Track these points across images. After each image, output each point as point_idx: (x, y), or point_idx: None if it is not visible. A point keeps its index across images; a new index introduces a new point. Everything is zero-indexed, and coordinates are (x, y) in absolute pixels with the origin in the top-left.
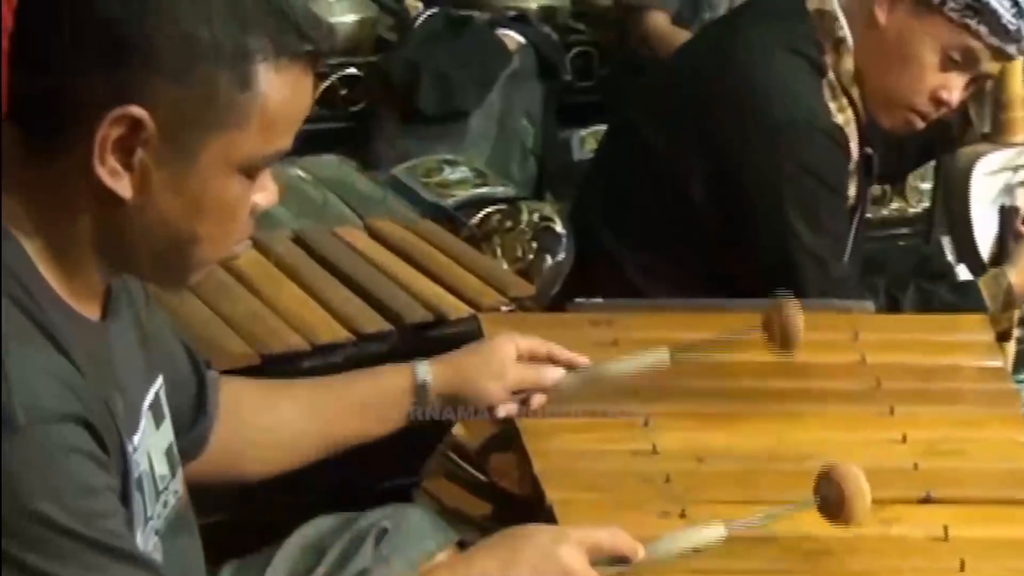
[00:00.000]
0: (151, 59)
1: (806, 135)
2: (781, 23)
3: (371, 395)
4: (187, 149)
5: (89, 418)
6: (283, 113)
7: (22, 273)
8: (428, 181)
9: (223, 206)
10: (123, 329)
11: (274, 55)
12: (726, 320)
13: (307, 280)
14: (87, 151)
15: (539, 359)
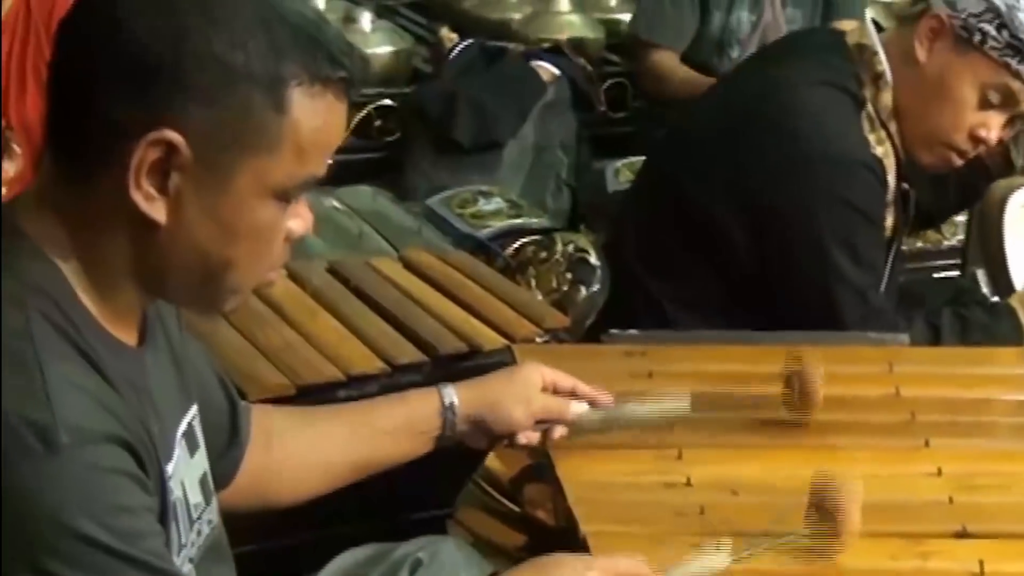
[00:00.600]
0: (186, 84)
1: (846, 168)
2: (820, 57)
3: (399, 418)
4: (221, 173)
5: (129, 439)
6: (316, 138)
7: (60, 298)
8: (463, 212)
9: (257, 231)
10: (158, 356)
11: (308, 80)
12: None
13: (342, 311)
14: (122, 175)
15: (563, 392)
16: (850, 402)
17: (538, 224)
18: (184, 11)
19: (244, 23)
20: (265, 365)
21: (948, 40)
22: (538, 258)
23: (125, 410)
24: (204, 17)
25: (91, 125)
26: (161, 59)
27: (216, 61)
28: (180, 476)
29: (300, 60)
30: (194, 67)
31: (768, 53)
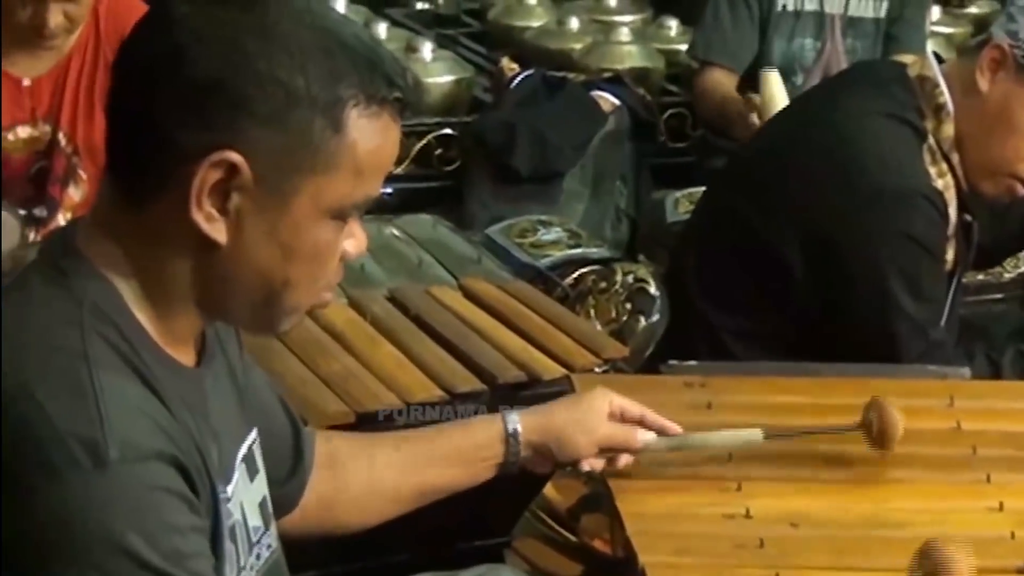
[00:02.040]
0: (247, 106)
1: (907, 202)
2: (882, 89)
3: (464, 444)
4: (281, 194)
5: (180, 459)
6: (372, 158)
7: (118, 317)
8: (522, 241)
9: (314, 250)
10: (217, 379)
11: (364, 101)
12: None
13: (402, 339)
14: (183, 197)
15: (631, 420)
16: (912, 436)
17: (598, 254)
18: (244, 35)
19: (303, 46)
20: (325, 392)
21: (1010, 69)
22: (598, 288)
23: (178, 430)
24: (264, 41)
25: (152, 147)
26: (222, 82)
27: (276, 84)
28: (239, 499)
29: (357, 81)
30: (255, 90)
31: (830, 85)
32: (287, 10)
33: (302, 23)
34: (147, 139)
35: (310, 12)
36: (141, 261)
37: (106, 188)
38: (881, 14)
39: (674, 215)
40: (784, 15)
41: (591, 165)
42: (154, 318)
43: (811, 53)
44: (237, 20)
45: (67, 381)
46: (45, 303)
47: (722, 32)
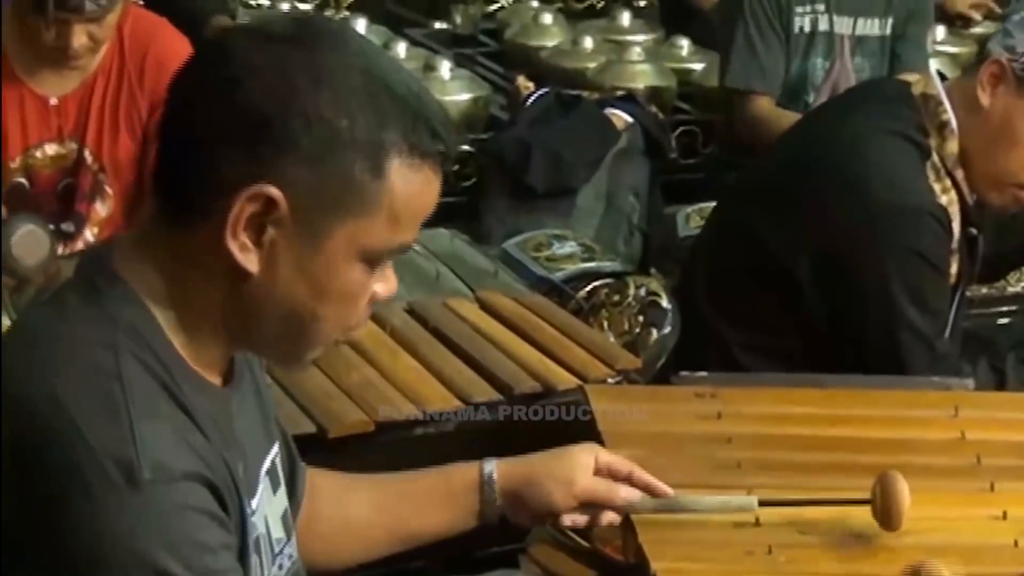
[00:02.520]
0: (291, 143)
1: (912, 218)
2: (886, 107)
3: (437, 487)
4: (315, 232)
5: (211, 479)
6: (410, 207)
7: (152, 339)
8: (537, 255)
9: (344, 290)
10: (244, 397)
11: (407, 151)
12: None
13: (420, 350)
14: (221, 224)
15: (619, 477)
16: (916, 446)
17: (611, 268)
18: (295, 74)
19: (351, 90)
20: (346, 402)
21: (1010, 83)
22: (611, 301)
23: (209, 449)
24: (314, 81)
25: (196, 174)
26: (270, 118)
27: (322, 124)
28: (263, 511)
29: (402, 131)
30: (300, 128)
31: (836, 103)
32: (341, 52)
33: (354, 67)
34: (192, 165)
35: (364, 56)
36: (175, 285)
37: (148, 212)
38: (887, 31)
39: (685, 230)
40: (800, 36)
41: (604, 181)
42: (186, 340)
43: (821, 72)
44: (290, 58)
45: (102, 401)
46: (81, 323)
47: (758, 59)
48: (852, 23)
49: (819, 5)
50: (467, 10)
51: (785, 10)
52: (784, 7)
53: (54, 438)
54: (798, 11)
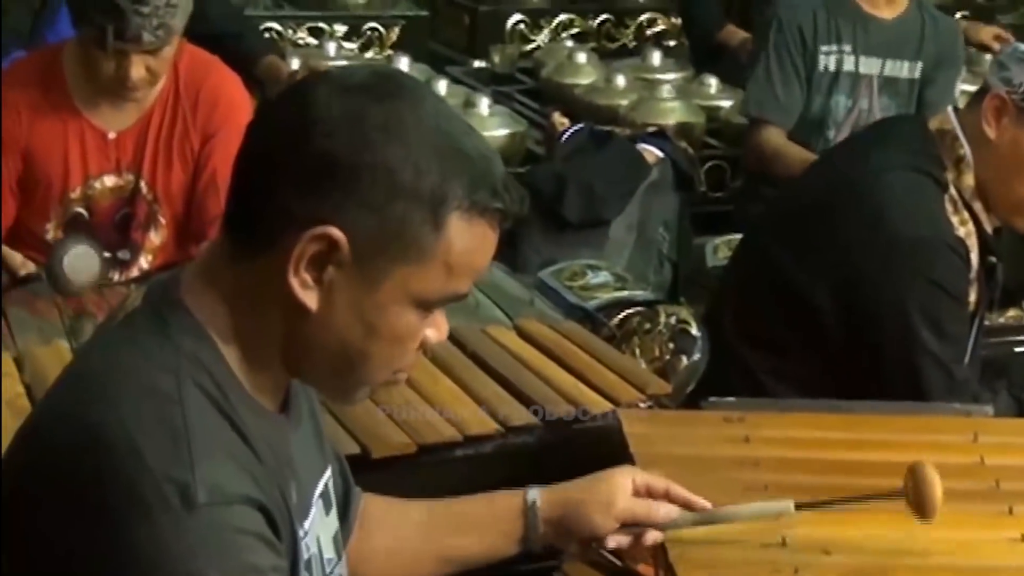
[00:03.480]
0: (356, 189)
1: (931, 250)
2: (904, 143)
3: (482, 514)
4: (373, 275)
5: (265, 503)
6: (465, 260)
7: (214, 369)
8: (572, 284)
9: (396, 333)
10: (299, 422)
11: (467, 206)
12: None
13: (460, 375)
14: (284, 261)
15: (657, 495)
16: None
17: (642, 297)
18: (369, 124)
19: (420, 145)
20: (389, 424)
21: (1012, 115)
22: (642, 328)
23: (263, 473)
24: (385, 133)
25: (266, 212)
26: (340, 164)
27: (388, 174)
28: (316, 533)
29: (464, 187)
30: (367, 176)
31: (857, 139)
32: (414, 108)
33: (426, 123)
34: (262, 202)
35: (436, 115)
36: (237, 316)
37: (215, 245)
38: (916, 75)
39: (713, 260)
40: (824, 74)
41: (636, 213)
42: (245, 368)
43: (843, 110)
44: (366, 109)
45: (162, 424)
46: (145, 349)
47: (773, 90)
48: (880, 64)
49: (845, 46)
50: (505, 49)
51: (810, 48)
52: (809, 45)
53: (115, 459)
54: (823, 50)
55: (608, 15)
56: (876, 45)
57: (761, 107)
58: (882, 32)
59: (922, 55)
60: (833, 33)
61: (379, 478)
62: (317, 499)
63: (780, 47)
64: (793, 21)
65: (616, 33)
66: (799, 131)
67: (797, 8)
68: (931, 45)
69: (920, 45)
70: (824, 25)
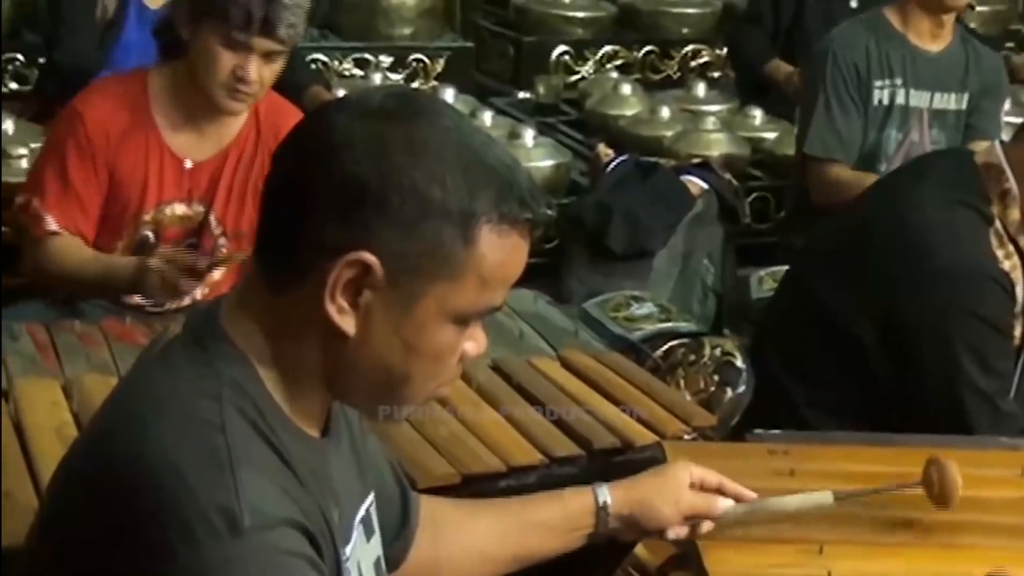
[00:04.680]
0: (387, 212)
1: (976, 283)
2: (950, 177)
3: (556, 515)
4: (408, 295)
5: (308, 525)
6: (498, 273)
7: (255, 395)
8: (616, 315)
9: (435, 350)
10: (340, 447)
11: (496, 219)
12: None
13: (505, 406)
14: (320, 288)
15: (710, 489)
16: (981, 504)
17: (687, 328)
18: (393, 147)
19: (445, 162)
20: (433, 455)
21: None
22: (687, 360)
23: (305, 497)
24: (410, 154)
25: (297, 241)
26: (368, 188)
27: (416, 195)
28: (357, 558)
29: (492, 200)
30: (396, 198)
31: (903, 172)
32: (436, 126)
33: (448, 140)
34: (293, 231)
35: (458, 129)
36: (277, 343)
37: (250, 274)
38: (963, 106)
39: (758, 292)
40: (878, 109)
41: (680, 244)
42: (286, 395)
43: (895, 143)
44: (389, 131)
45: (206, 451)
46: (188, 377)
47: (834, 127)
48: (929, 97)
49: (897, 80)
50: (550, 80)
51: (865, 82)
52: (864, 80)
53: (159, 487)
54: (877, 84)
55: (653, 46)
56: (925, 78)
57: (825, 145)
58: (930, 65)
59: (968, 87)
60: (885, 67)
61: None
62: (358, 524)
63: (838, 83)
64: (848, 56)
65: (660, 64)
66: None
67: (851, 42)
68: (975, 77)
69: (965, 77)
70: (876, 60)
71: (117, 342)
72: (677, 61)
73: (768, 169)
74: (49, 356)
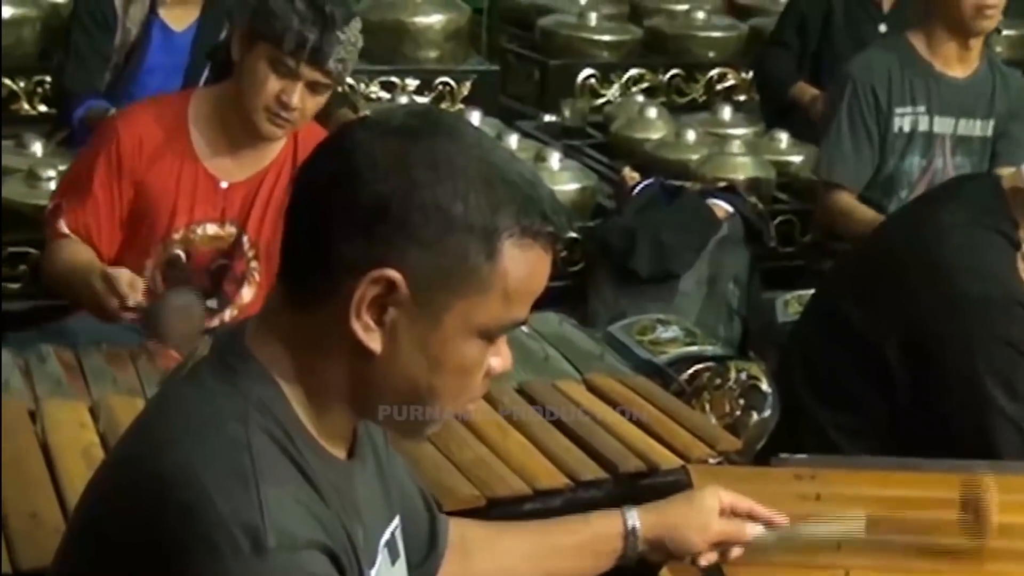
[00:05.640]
0: (410, 229)
1: (1002, 308)
2: (976, 201)
3: (585, 538)
4: (434, 311)
5: (332, 547)
6: (522, 286)
7: (282, 415)
8: (642, 339)
9: (461, 365)
10: (366, 470)
11: (519, 233)
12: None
13: (530, 429)
14: (345, 306)
15: (740, 514)
16: (1008, 530)
17: (712, 352)
18: (414, 164)
19: (466, 178)
20: (459, 478)
21: None
22: (712, 384)
23: (330, 518)
24: (432, 171)
25: (321, 260)
26: (390, 206)
27: (439, 211)
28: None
29: (514, 214)
30: (419, 215)
31: (930, 196)
32: (456, 143)
33: (469, 156)
34: (317, 251)
35: (479, 146)
36: (302, 362)
37: (275, 295)
38: (988, 133)
39: (784, 315)
40: (899, 136)
41: (706, 268)
42: (312, 415)
43: (918, 170)
44: (409, 149)
45: (231, 470)
46: (215, 397)
47: (844, 154)
48: (954, 124)
49: (920, 107)
50: (575, 104)
51: (885, 111)
52: (884, 108)
53: (186, 506)
54: (898, 112)
55: (678, 70)
56: (949, 104)
57: (832, 170)
58: (955, 92)
59: (994, 112)
60: (908, 94)
61: None
62: (383, 548)
63: (853, 110)
64: (867, 83)
65: (686, 88)
66: (873, 191)
67: (872, 69)
68: (1002, 102)
69: (992, 103)
70: (899, 86)
71: (143, 364)
72: (703, 85)
73: (794, 193)
74: (76, 378)
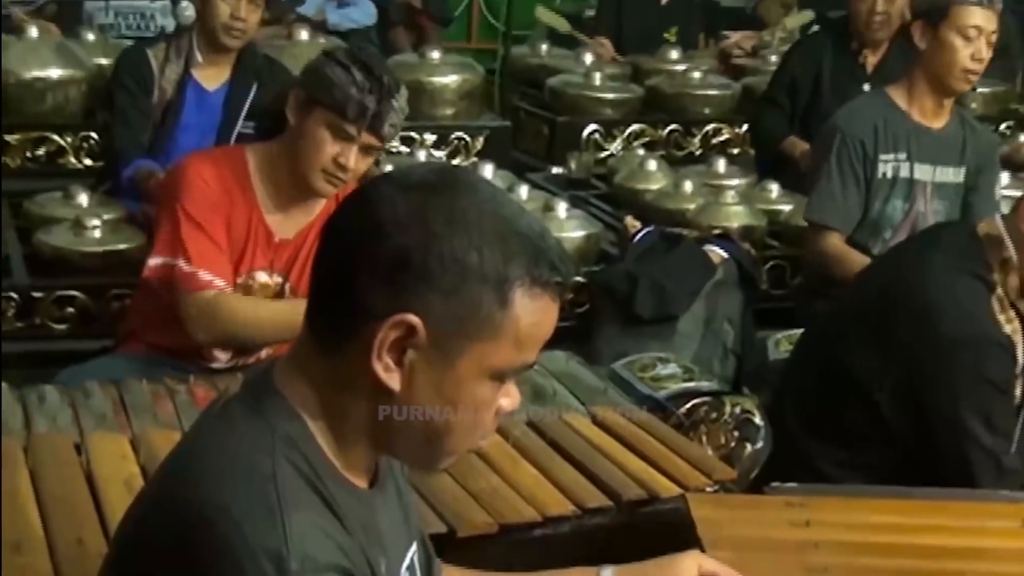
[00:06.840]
0: (429, 278)
1: (981, 349)
2: (955, 247)
3: None
4: (449, 354)
5: (353, 572)
6: (532, 332)
7: (307, 449)
8: (643, 376)
9: (474, 405)
10: (387, 498)
11: (529, 282)
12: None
13: (539, 460)
14: (367, 348)
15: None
16: (988, 554)
17: (709, 387)
18: (433, 218)
19: (481, 231)
20: (472, 505)
21: None
22: (709, 417)
23: (352, 546)
24: (449, 225)
25: (346, 306)
26: (411, 257)
27: (455, 262)
28: None
29: (524, 265)
30: (437, 266)
31: (912, 243)
32: (473, 198)
33: (483, 210)
34: (342, 297)
35: (493, 201)
36: (327, 400)
37: (302, 337)
38: (960, 179)
39: (775, 354)
40: (883, 181)
41: (703, 309)
42: (336, 449)
43: (900, 213)
44: (429, 204)
45: (258, 500)
46: (244, 432)
47: (834, 199)
48: (932, 170)
49: (901, 154)
50: (581, 157)
51: (871, 158)
52: (870, 155)
53: (216, 534)
54: (882, 159)
55: (676, 125)
56: (927, 153)
57: (823, 214)
58: (932, 141)
59: (964, 161)
60: (890, 142)
61: (463, 555)
62: (404, 572)
63: (842, 159)
64: (855, 135)
65: (684, 142)
66: (860, 233)
67: (858, 120)
68: (972, 153)
69: (963, 153)
70: (883, 135)
71: (181, 400)
72: (699, 139)
73: (784, 239)
74: (119, 413)
